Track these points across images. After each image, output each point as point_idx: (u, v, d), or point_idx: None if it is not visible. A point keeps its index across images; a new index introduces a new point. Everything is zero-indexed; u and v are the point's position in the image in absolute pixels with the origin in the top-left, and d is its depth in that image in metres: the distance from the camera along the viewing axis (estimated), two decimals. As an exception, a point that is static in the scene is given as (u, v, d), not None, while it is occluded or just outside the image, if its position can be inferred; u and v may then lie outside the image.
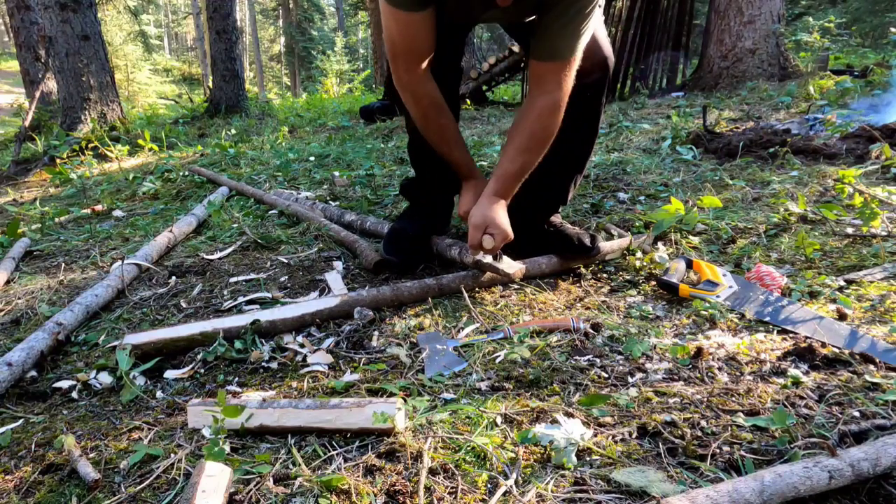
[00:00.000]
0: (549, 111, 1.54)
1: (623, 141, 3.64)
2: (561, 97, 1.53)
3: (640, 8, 5.96)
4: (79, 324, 1.61)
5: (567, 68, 1.50)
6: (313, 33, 28.09)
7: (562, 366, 1.26)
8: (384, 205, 2.66)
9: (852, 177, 2.10)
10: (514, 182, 1.61)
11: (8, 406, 1.27)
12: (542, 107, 1.54)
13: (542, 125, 1.55)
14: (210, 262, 2.09)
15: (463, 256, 1.71)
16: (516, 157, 1.58)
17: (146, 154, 5.08)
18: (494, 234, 1.54)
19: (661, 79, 6.25)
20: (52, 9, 5.55)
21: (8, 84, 21.08)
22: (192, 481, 0.87)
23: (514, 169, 1.59)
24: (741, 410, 1.07)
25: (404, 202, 2.29)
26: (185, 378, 1.34)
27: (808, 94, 4.13)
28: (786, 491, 0.80)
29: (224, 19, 7.13)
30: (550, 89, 1.52)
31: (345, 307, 1.56)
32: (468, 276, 1.69)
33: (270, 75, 31.61)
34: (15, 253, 2.29)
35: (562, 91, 1.52)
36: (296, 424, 1.07)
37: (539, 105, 1.54)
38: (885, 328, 1.33)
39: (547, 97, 1.53)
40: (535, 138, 1.57)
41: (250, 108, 7.55)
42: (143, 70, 22.40)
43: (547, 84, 1.52)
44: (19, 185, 4.56)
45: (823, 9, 12.38)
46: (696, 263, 1.67)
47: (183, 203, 3.14)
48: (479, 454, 0.99)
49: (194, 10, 23.88)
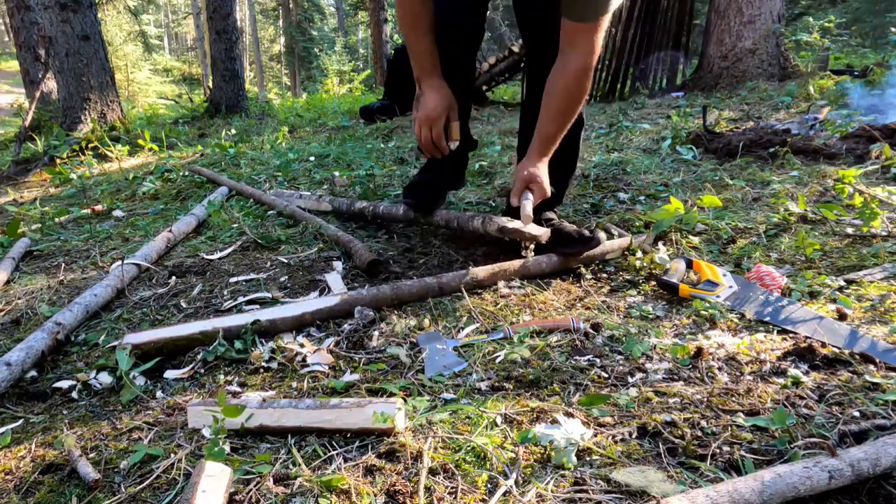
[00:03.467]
0: (583, 71, 1.58)
1: (623, 141, 3.64)
2: (593, 58, 1.57)
3: (640, 8, 5.96)
4: (78, 324, 1.61)
5: (598, 28, 1.53)
6: (313, 33, 28.07)
7: (562, 366, 1.26)
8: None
9: (852, 177, 2.10)
10: (554, 142, 1.69)
11: (8, 406, 1.27)
12: (576, 68, 1.57)
13: (578, 85, 1.60)
14: (210, 262, 2.09)
15: (486, 226, 1.82)
16: (556, 117, 1.65)
17: (146, 154, 5.08)
18: (534, 189, 1.66)
19: (661, 79, 6.24)
20: (52, 9, 5.54)
21: (8, 84, 21.07)
22: (192, 481, 0.87)
23: (554, 129, 1.67)
24: (741, 410, 1.07)
25: None
26: (185, 378, 1.34)
27: (808, 94, 4.13)
28: (786, 491, 0.80)
29: (224, 19, 7.13)
30: (583, 50, 1.55)
31: (344, 306, 1.56)
32: (467, 274, 1.69)
33: (270, 75, 31.61)
34: (15, 253, 2.29)
35: (594, 52, 1.56)
36: (296, 424, 1.07)
37: (573, 66, 1.58)
38: (885, 328, 1.33)
39: (580, 58, 1.56)
40: (572, 98, 1.62)
41: (250, 108, 7.54)
42: (143, 70, 22.38)
43: (579, 44, 1.55)
44: (19, 185, 4.56)
45: (823, 9, 12.37)
46: (696, 263, 1.67)
47: (183, 203, 3.14)
48: (479, 454, 0.99)
49: (194, 10, 23.88)
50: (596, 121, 4.56)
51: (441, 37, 1.73)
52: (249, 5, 28.78)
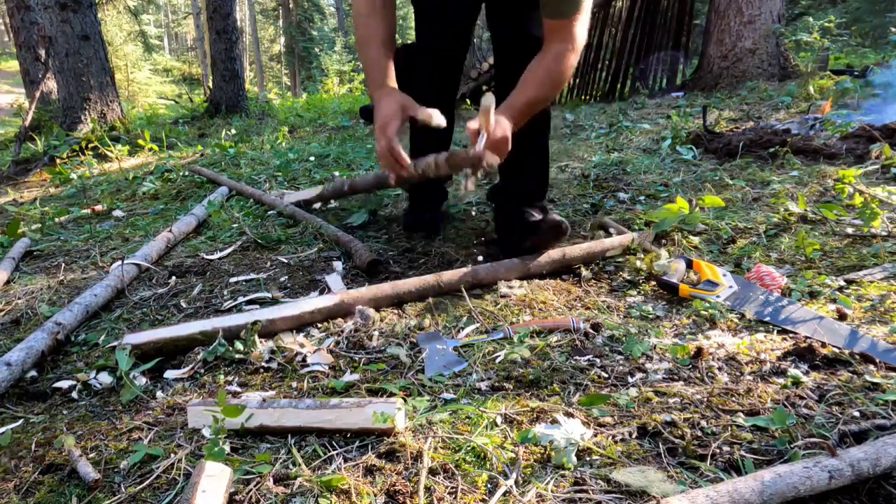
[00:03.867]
0: (564, 54, 1.58)
1: (623, 141, 3.64)
2: (577, 45, 1.58)
3: (640, 8, 5.97)
4: (79, 324, 1.61)
5: (577, 20, 1.56)
6: (313, 33, 28.07)
7: (562, 366, 1.26)
8: (385, 205, 2.66)
9: (852, 177, 2.10)
10: (525, 111, 1.61)
11: (8, 406, 1.27)
12: (557, 51, 1.58)
13: (559, 65, 1.59)
14: (210, 262, 2.09)
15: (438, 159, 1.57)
16: (529, 89, 1.59)
17: (146, 154, 5.08)
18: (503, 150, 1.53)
19: (661, 79, 6.24)
20: (52, 9, 5.54)
21: (8, 84, 21.06)
22: (192, 481, 0.87)
23: (527, 98, 1.59)
24: (741, 410, 1.07)
25: None
26: (185, 378, 1.34)
27: (808, 94, 4.13)
28: (786, 491, 0.80)
29: (224, 19, 7.13)
30: (564, 38, 1.57)
31: (344, 306, 1.56)
32: (468, 273, 1.69)
33: (270, 75, 31.60)
34: (15, 253, 2.29)
35: (576, 40, 1.57)
36: (296, 424, 1.07)
37: (554, 49, 1.59)
38: (885, 328, 1.33)
39: (561, 45, 1.58)
40: (551, 75, 1.60)
41: (250, 108, 7.54)
42: (143, 70, 22.39)
43: (559, 34, 1.58)
44: (19, 185, 4.55)
45: (823, 9, 12.37)
46: (696, 263, 1.67)
47: (183, 203, 3.13)
48: (479, 454, 0.99)
49: (194, 10, 23.88)
50: (596, 121, 4.57)
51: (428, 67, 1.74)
52: (249, 5, 28.77)
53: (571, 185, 2.78)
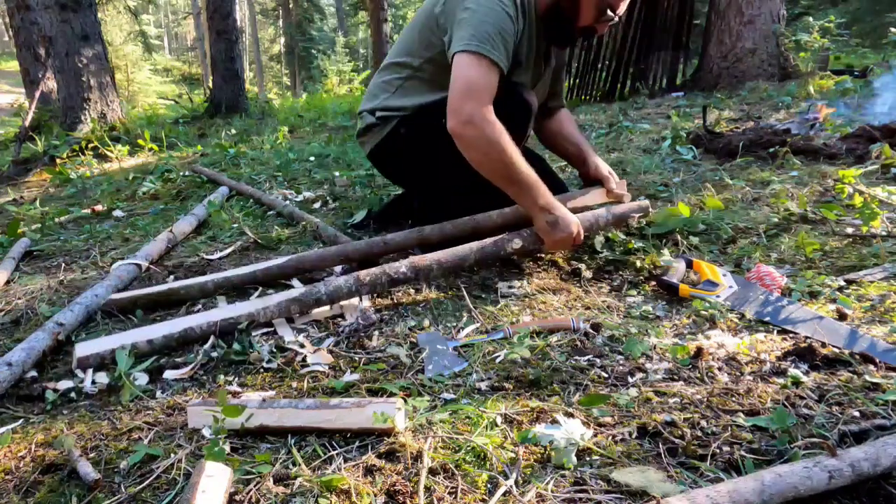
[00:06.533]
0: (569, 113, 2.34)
1: (623, 141, 3.64)
2: None
3: (640, 8, 5.96)
4: (79, 324, 1.61)
5: None
6: (313, 33, 28.05)
7: (562, 366, 1.26)
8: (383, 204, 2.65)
9: (852, 177, 2.10)
10: None
11: (8, 406, 1.27)
12: (567, 112, 2.31)
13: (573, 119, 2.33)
14: (210, 262, 2.09)
15: None
16: (581, 137, 2.25)
17: (146, 154, 5.08)
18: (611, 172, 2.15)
19: (661, 79, 6.24)
20: (52, 9, 5.54)
21: (8, 84, 21.06)
22: (192, 481, 0.87)
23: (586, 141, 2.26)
24: (741, 410, 1.07)
25: None
26: (185, 378, 1.34)
27: (808, 94, 4.13)
28: (786, 491, 0.80)
29: (224, 19, 7.13)
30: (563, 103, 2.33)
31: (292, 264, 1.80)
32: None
33: (270, 75, 31.59)
34: (15, 253, 2.29)
35: None
36: (296, 424, 1.07)
37: (565, 111, 2.30)
38: (885, 328, 1.33)
39: (564, 108, 2.31)
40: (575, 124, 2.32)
41: (250, 108, 7.53)
42: (143, 70, 22.36)
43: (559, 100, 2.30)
44: (19, 185, 4.55)
45: (823, 9, 12.37)
46: (696, 263, 1.67)
47: (183, 203, 3.14)
48: (479, 454, 0.99)
49: (194, 10, 23.89)
50: (596, 121, 4.56)
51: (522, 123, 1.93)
52: (249, 5, 28.77)
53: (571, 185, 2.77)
